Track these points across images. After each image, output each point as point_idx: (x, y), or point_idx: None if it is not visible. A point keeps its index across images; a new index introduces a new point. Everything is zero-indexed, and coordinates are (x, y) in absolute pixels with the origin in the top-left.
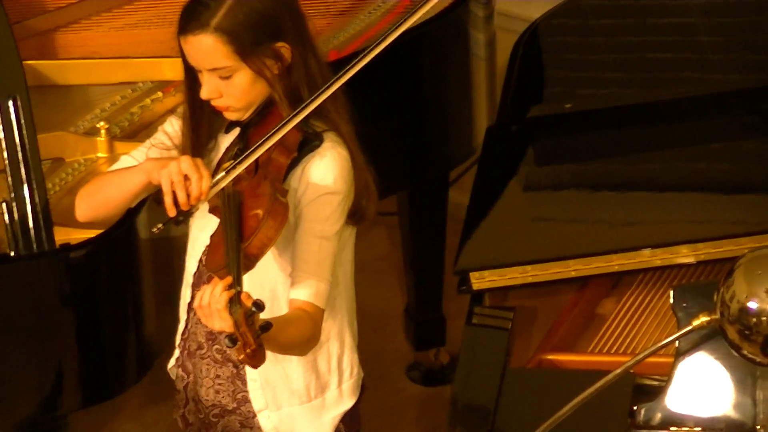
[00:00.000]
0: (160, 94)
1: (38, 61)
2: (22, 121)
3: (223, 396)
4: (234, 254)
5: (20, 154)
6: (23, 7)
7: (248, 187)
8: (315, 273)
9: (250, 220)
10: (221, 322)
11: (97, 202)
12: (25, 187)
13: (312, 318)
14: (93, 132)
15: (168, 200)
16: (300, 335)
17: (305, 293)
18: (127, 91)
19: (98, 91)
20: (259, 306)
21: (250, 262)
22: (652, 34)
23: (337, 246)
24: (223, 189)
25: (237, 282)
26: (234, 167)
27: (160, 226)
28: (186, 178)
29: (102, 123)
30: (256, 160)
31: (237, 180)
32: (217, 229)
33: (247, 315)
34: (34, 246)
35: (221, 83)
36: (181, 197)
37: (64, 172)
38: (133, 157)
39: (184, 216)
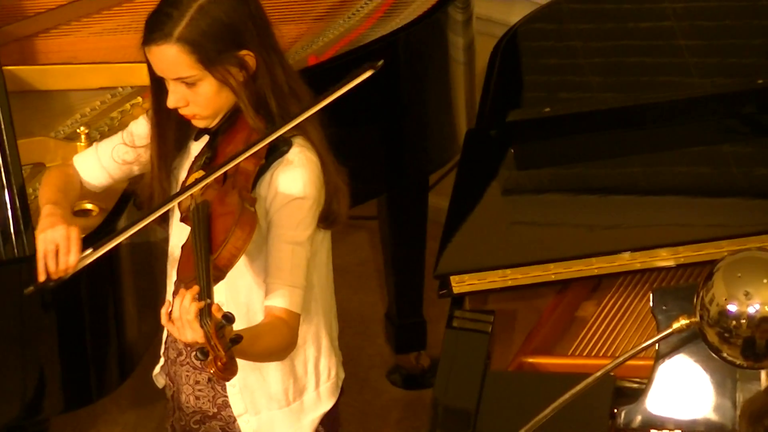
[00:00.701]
0: (139, 99)
1: (18, 67)
2: (2, 127)
3: (203, 402)
4: (203, 265)
5: (0, 159)
6: (2, 13)
7: (217, 196)
8: (289, 279)
9: (219, 231)
10: (193, 333)
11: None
12: (6, 192)
13: (288, 325)
14: (73, 137)
15: (39, 266)
16: (277, 343)
17: (280, 300)
18: (107, 96)
19: (78, 97)
20: (229, 318)
21: (220, 273)
22: (631, 38)
23: (310, 251)
24: (192, 197)
25: (207, 294)
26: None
27: (30, 288)
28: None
29: (82, 128)
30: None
31: (205, 189)
32: (188, 238)
33: (217, 327)
34: (15, 251)
35: (187, 92)
36: (50, 266)
37: None
38: (98, 150)
39: (55, 282)
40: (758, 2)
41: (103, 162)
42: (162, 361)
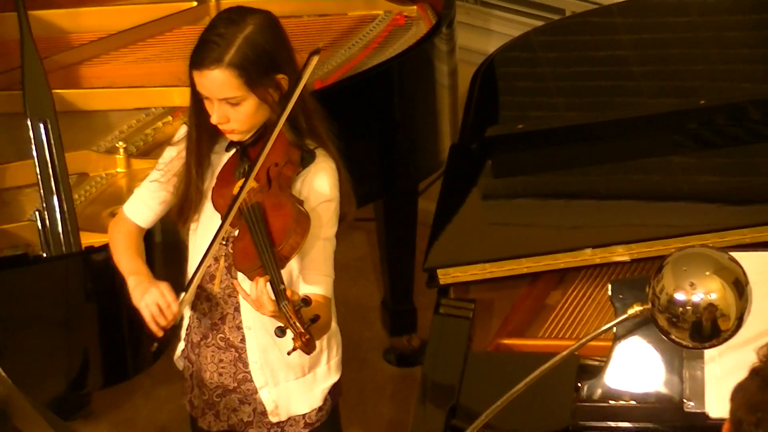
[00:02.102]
0: (170, 117)
1: (65, 90)
2: (52, 141)
3: (225, 378)
4: (269, 257)
5: (50, 170)
6: (51, 44)
7: (267, 199)
8: (323, 270)
9: (278, 228)
10: (268, 306)
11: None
12: (55, 197)
13: (327, 308)
14: (113, 150)
15: (152, 327)
16: (324, 323)
17: (320, 288)
18: (142, 115)
19: (117, 116)
20: (307, 301)
21: (282, 262)
22: (591, 65)
23: (335, 244)
24: (244, 201)
25: (279, 280)
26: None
27: (155, 345)
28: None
29: (120, 143)
30: (268, 175)
31: (254, 193)
32: (240, 234)
33: (296, 308)
34: (63, 248)
35: (230, 110)
36: (162, 322)
37: (88, 185)
38: (140, 194)
39: (171, 332)
40: (699, 34)
41: (147, 203)
42: (182, 345)
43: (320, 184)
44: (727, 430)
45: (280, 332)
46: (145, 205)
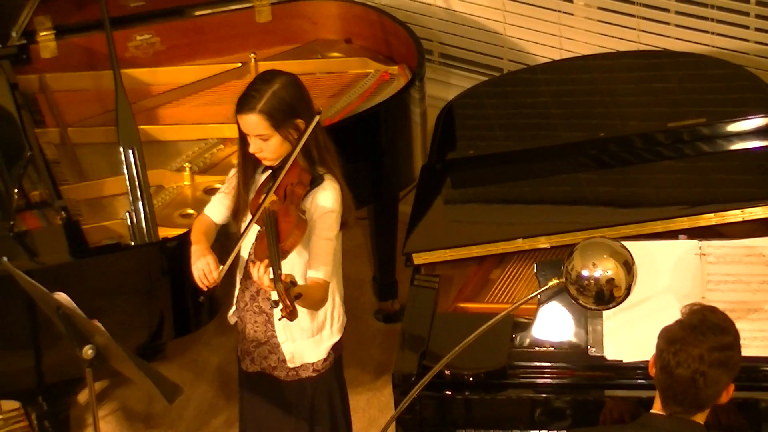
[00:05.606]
0: (222, 146)
1: (147, 126)
2: (138, 163)
3: (258, 333)
4: (274, 250)
5: (137, 183)
6: (138, 93)
7: (280, 208)
8: (323, 261)
9: (284, 229)
10: (266, 284)
11: None
12: (140, 203)
13: (324, 288)
14: (181, 169)
15: (199, 284)
16: (317, 299)
17: (320, 273)
18: (202, 144)
19: (184, 144)
20: (294, 283)
21: (284, 254)
22: (522, 108)
23: (336, 244)
24: (266, 208)
25: (278, 267)
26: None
27: (201, 298)
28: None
29: (186, 164)
30: (285, 192)
31: (273, 204)
32: (260, 232)
33: (286, 288)
34: (146, 239)
35: (262, 144)
36: (205, 282)
37: (164, 194)
38: (214, 202)
39: (212, 290)
40: (598, 86)
41: (217, 206)
42: (234, 307)
43: (324, 199)
44: (653, 360)
45: (275, 304)
46: (218, 206)
